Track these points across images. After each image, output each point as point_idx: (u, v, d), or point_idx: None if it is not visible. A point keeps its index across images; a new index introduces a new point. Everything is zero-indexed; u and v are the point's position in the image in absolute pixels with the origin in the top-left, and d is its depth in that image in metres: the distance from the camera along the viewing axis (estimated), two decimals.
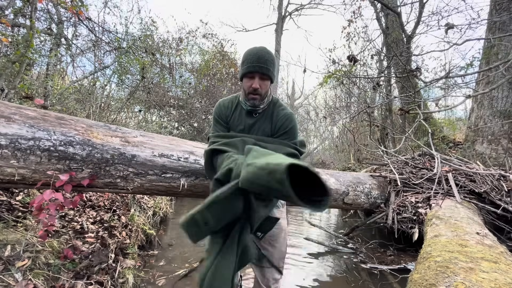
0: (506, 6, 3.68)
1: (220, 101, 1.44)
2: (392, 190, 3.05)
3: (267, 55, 1.23)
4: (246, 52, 1.28)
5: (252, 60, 1.22)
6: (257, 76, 1.24)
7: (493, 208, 2.48)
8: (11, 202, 1.90)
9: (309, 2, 12.14)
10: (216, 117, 1.41)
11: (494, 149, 3.70)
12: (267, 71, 1.24)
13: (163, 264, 2.37)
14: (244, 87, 1.30)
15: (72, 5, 3.55)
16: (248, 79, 1.27)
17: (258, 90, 1.26)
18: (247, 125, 1.36)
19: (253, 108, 1.33)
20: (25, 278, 1.35)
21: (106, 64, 5.76)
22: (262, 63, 1.22)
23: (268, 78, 1.27)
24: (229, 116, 1.39)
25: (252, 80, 1.25)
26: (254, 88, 1.25)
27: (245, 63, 1.26)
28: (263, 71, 1.23)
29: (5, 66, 2.66)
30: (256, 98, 1.28)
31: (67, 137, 1.48)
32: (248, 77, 1.26)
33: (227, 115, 1.39)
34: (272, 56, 1.27)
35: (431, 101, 4.92)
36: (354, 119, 7.19)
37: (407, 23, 5.88)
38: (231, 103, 1.41)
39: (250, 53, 1.25)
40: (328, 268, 2.51)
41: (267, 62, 1.23)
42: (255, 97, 1.28)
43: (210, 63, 8.06)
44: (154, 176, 1.70)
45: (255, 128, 1.35)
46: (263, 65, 1.22)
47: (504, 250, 1.43)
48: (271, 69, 1.25)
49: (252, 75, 1.25)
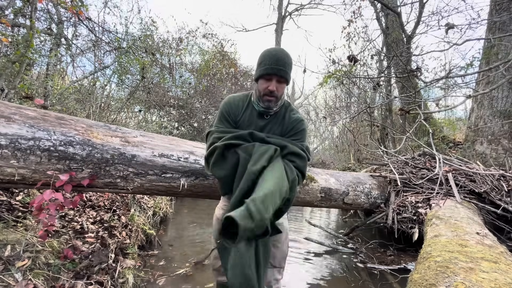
0: (506, 6, 3.68)
1: (230, 97, 1.39)
2: (392, 190, 3.05)
3: (286, 58, 1.21)
4: (264, 53, 1.25)
5: (271, 62, 1.20)
6: (274, 79, 1.22)
7: (493, 208, 2.48)
8: (11, 202, 1.90)
9: (309, 2, 12.15)
10: (224, 114, 1.34)
11: (494, 149, 3.70)
12: (285, 74, 1.22)
13: (163, 263, 2.37)
14: (260, 88, 1.27)
15: (72, 5, 3.55)
16: (265, 81, 1.24)
17: (274, 92, 1.24)
18: (258, 126, 1.33)
19: (266, 110, 1.30)
20: (25, 278, 1.35)
21: (106, 64, 5.76)
22: (281, 66, 1.20)
23: (285, 81, 1.25)
24: (239, 115, 1.35)
25: (269, 82, 1.23)
26: (270, 91, 1.23)
27: (262, 64, 1.23)
28: (281, 74, 1.21)
29: (5, 66, 2.66)
30: (271, 100, 1.27)
31: (67, 137, 1.48)
32: (265, 78, 1.24)
33: (236, 114, 1.35)
34: (291, 58, 1.24)
35: (431, 101, 4.93)
36: (354, 119, 7.19)
37: (407, 23, 5.88)
38: (242, 102, 1.37)
39: (269, 54, 1.22)
40: (328, 268, 2.51)
41: (286, 65, 1.21)
42: (271, 99, 1.26)
43: (210, 63, 8.06)
44: (154, 176, 1.70)
45: (266, 130, 1.33)
46: (281, 68, 1.20)
47: (504, 250, 1.43)
48: (289, 72, 1.23)
49: (270, 77, 1.22)
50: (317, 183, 2.50)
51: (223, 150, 1.22)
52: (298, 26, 16.21)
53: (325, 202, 2.59)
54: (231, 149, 1.21)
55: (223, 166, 1.23)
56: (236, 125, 1.35)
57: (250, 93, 1.40)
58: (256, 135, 1.22)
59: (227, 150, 1.22)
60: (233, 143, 1.21)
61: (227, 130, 1.30)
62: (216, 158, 1.24)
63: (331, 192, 2.59)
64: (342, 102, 8.64)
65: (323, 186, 2.53)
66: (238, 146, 1.20)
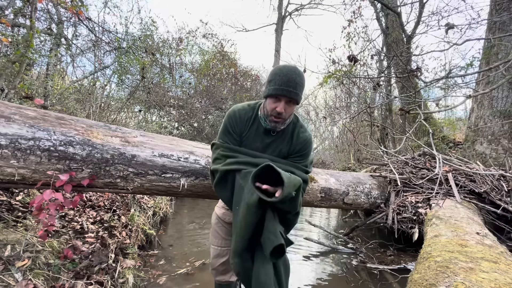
0: (506, 6, 3.68)
1: (236, 110, 1.31)
2: (392, 190, 3.05)
3: (298, 78, 1.13)
4: (276, 71, 1.17)
5: (281, 82, 1.12)
6: (283, 100, 1.15)
7: (493, 208, 2.48)
8: (11, 202, 1.90)
9: (309, 2, 12.15)
10: (229, 128, 1.29)
11: (494, 149, 3.70)
12: (295, 96, 1.15)
13: (163, 263, 2.37)
14: (267, 108, 1.21)
15: (72, 5, 3.56)
16: (273, 101, 1.17)
17: (282, 114, 1.17)
18: (264, 143, 1.28)
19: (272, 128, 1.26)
20: (25, 278, 1.35)
21: (106, 64, 5.76)
22: (292, 88, 1.12)
23: (295, 102, 1.18)
24: (245, 130, 1.30)
25: (277, 103, 1.16)
26: (278, 112, 1.16)
27: (272, 82, 1.15)
28: (292, 96, 1.14)
29: (5, 66, 2.66)
30: (278, 122, 1.21)
31: (67, 137, 1.48)
32: (273, 98, 1.17)
33: (242, 129, 1.29)
34: (303, 78, 1.17)
35: (432, 101, 4.92)
36: (354, 119, 7.19)
37: (407, 23, 5.88)
38: (248, 116, 1.30)
39: (280, 73, 1.14)
40: (328, 268, 2.51)
41: (297, 86, 1.13)
42: (278, 120, 1.20)
43: (210, 63, 8.07)
44: (154, 176, 1.70)
45: (272, 148, 1.29)
46: (292, 90, 1.13)
47: (504, 250, 1.43)
48: (300, 93, 1.17)
49: (279, 99, 1.16)
50: (317, 183, 2.50)
51: (224, 173, 1.22)
52: (298, 26, 16.26)
53: (325, 202, 2.59)
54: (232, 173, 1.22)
55: (225, 189, 1.25)
56: (241, 139, 1.30)
57: (256, 105, 1.33)
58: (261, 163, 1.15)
59: (229, 173, 1.23)
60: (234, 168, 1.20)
61: (233, 148, 1.27)
62: (218, 180, 1.25)
63: (331, 192, 2.59)
64: (342, 102, 8.63)
65: (323, 186, 2.53)
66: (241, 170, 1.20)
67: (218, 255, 1.43)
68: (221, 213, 1.44)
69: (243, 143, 1.30)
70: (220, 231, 1.44)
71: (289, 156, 1.31)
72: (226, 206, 1.40)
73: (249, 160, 1.22)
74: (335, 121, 8.15)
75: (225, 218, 1.42)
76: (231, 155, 1.25)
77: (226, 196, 1.26)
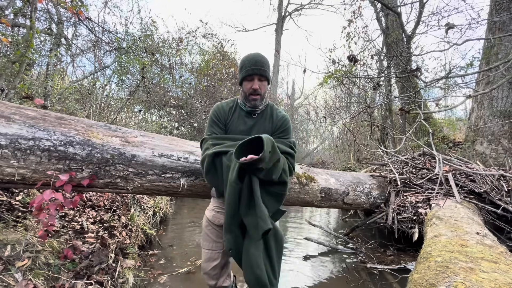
0: (506, 6, 3.68)
1: (218, 104, 1.51)
2: (392, 190, 3.05)
3: (263, 59, 1.37)
4: (243, 58, 1.41)
5: (250, 64, 1.35)
6: (256, 78, 1.36)
7: (493, 208, 2.48)
8: (11, 202, 1.90)
9: (309, 2, 12.16)
10: (214, 119, 1.45)
11: (494, 149, 3.70)
12: (264, 73, 1.37)
13: (163, 262, 2.37)
14: (245, 89, 1.40)
15: (72, 5, 3.55)
16: (248, 82, 1.38)
17: (258, 90, 1.37)
18: (247, 125, 1.43)
19: (253, 108, 1.42)
20: (25, 278, 1.35)
21: (106, 64, 5.76)
22: (259, 66, 1.35)
23: (266, 79, 1.39)
24: (228, 118, 1.45)
25: (251, 82, 1.36)
26: (254, 89, 1.36)
27: (243, 68, 1.38)
28: (261, 73, 1.36)
29: (5, 66, 2.66)
30: (256, 99, 1.39)
31: (67, 137, 1.48)
32: (248, 80, 1.37)
33: (226, 117, 1.45)
34: (267, 59, 1.41)
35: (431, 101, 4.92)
36: (354, 119, 7.19)
37: (407, 23, 5.87)
38: (229, 106, 1.48)
39: (247, 58, 1.38)
40: (328, 268, 2.51)
41: (264, 65, 1.37)
42: (256, 97, 1.39)
43: (210, 63, 8.06)
44: (154, 176, 1.70)
45: (256, 128, 1.43)
46: (260, 68, 1.35)
47: (504, 250, 1.43)
48: (268, 70, 1.39)
49: (252, 78, 1.36)
50: (317, 183, 2.50)
51: (212, 158, 1.29)
52: (298, 26, 16.27)
53: (325, 202, 2.59)
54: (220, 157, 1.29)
55: (215, 175, 1.30)
56: (226, 127, 1.45)
57: (236, 98, 1.52)
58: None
59: (217, 158, 1.29)
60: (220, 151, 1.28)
61: (219, 137, 1.40)
62: (207, 167, 1.30)
63: (331, 192, 2.59)
64: (342, 102, 8.64)
65: (323, 186, 2.53)
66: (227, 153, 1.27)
67: (210, 258, 1.42)
68: (211, 215, 1.45)
69: (228, 129, 1.45)
70: (210, 234, 1.43)
71: (272, 134, 1.43)
72: (216, 208, 1.44)
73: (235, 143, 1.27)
74: (335, 121, 8.16)
75: (215, 220, 1.42)
76: (219, 142, 1.36)
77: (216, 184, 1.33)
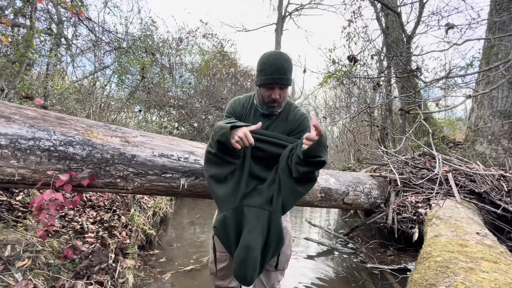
0: (506, 6, 3.68)
1: (235, 98, 1.42)
2: (392, 190, 3.05)
3: (286, 64, 1.18)
4: (264, 60, 1.21)
5: (271, 71, 1.17)
6: (277, 87, 1.21)
7: (493, 208, 2.48)
8: (11, 202, 1.90)
9: (309, 2, 12.15)
10: (230, 111, 1.37)
11: (494, 149, 3.69)
12: (287, 81, 1.21)
13: (164, 261, 2.37)
14: (263, 96, 1.27)
15: (72, 5, 3.55)
16: (267, 89, 1.23)
17: (277, 99, 1.24)
18: (264, 126, 1.33)
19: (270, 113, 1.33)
20: (25, 278, 1.35)
21: (106, 64, 5.76)
22: (282, 74, 1.17)
23: (288, 86, 1.24)
24: (244, 115, 1.37)
25: (271, 91, 1.22)
26: (274, 99, 1.23)
27: (262, 72, 1.20)
28: (283, 82, 1.20)
29: (5, 66, 2.65)
30: (275, 107, 1.28)
31: (67, 137, 1.48)
32: (267, 87, 1.23)
33: (242, 113, 1.37)
34: (290, 62, 1.22)
35: (431, 101, 4.92)
36: (354, 119, 7.19)
37: (407, 23, 5.88)
38: (246, 102, 1.39)
39: (268, 62, 1.19)
40: (328, 268, 2.51)
41: (287, 72, 1.18)
42: (275, 105, 1.27)
43: (210, 63, 8.07)
44: (154, 176, 1.70)
45: (271, 129, 1.35)
46: (283, 77, 1.18)
47: (504, 250, 1.43)
48: (290, 76, 1.22)
49: (272, 87, 1.21)
50: (317, 183, 2.50)
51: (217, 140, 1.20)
52: (298, 26, 16.25)
53: (325, 202, 2.59)
54: None
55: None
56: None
57: (251, 95, 1.42)
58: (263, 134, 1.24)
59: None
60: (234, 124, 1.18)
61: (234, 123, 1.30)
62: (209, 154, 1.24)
63: (331, 192, 2.59)
64: (342, 102, 8.64)
65: (323, 186, 2.53)
66: None
67: (218, 260, 1.41)
68: None
69: None
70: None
71: (290, 134, 1.35)
72: None
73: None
74: (335, 121, 8.16)
75: None
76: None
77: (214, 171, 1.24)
